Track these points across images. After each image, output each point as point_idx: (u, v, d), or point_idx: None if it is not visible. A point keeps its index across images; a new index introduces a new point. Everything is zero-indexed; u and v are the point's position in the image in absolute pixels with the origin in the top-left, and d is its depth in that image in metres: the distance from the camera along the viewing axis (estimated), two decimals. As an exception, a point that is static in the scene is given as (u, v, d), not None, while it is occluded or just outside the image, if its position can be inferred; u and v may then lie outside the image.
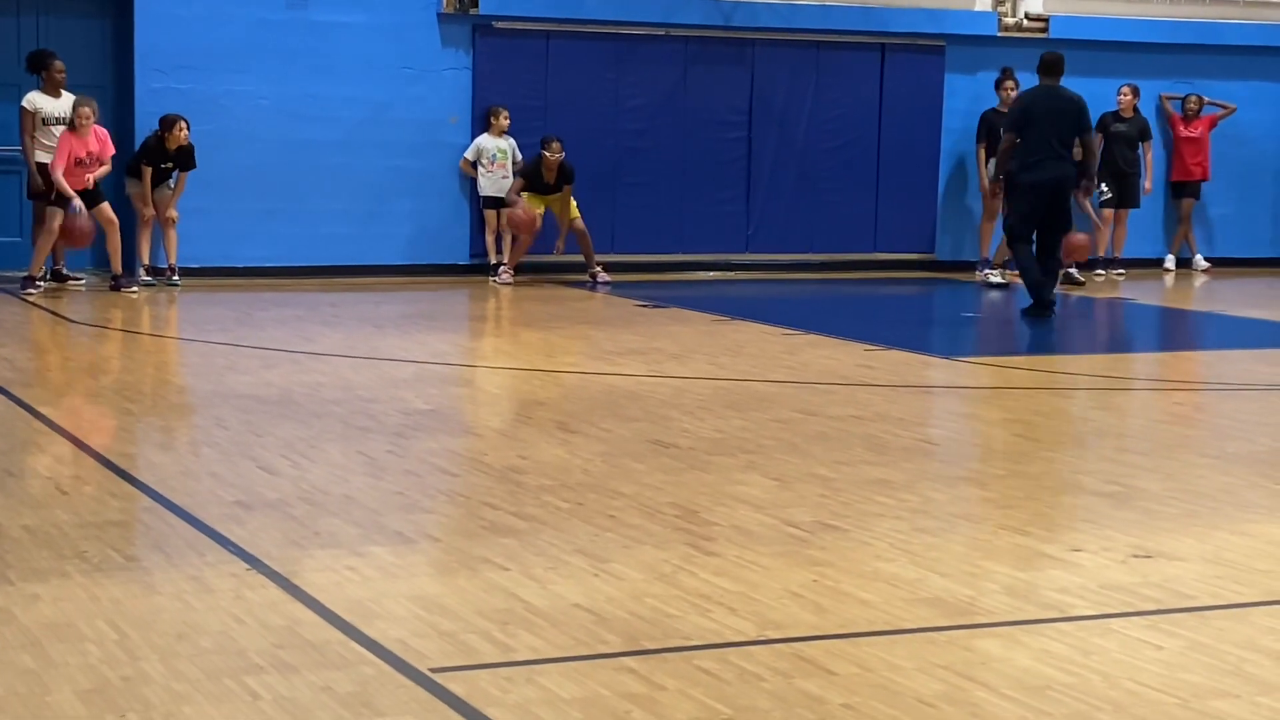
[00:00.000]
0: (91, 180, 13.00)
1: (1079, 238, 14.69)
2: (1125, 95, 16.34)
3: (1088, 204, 15.73)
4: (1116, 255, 16.48)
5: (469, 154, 14.78)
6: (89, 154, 13.04)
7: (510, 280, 14.63)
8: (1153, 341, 12.43)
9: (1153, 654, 4.65)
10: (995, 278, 15.30)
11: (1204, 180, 17.09)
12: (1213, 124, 17.02)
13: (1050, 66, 13.08)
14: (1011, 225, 13.14)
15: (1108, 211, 16.42)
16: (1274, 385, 10.01)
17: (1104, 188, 16.08)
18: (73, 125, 13.03)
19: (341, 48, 14.58)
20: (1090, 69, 16.65)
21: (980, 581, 5.38)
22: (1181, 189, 17.11)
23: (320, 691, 4.22)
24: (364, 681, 4.30)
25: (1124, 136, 16.30)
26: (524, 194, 14.49)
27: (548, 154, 14.38)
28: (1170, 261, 17.25)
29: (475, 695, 4.21)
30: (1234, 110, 17.04)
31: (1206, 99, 16.98)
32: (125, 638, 4.63)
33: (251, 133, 14.36)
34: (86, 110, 13.04)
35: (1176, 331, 13.35)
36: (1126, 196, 16.41)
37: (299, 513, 6.13)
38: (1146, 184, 16.52)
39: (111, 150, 13.23)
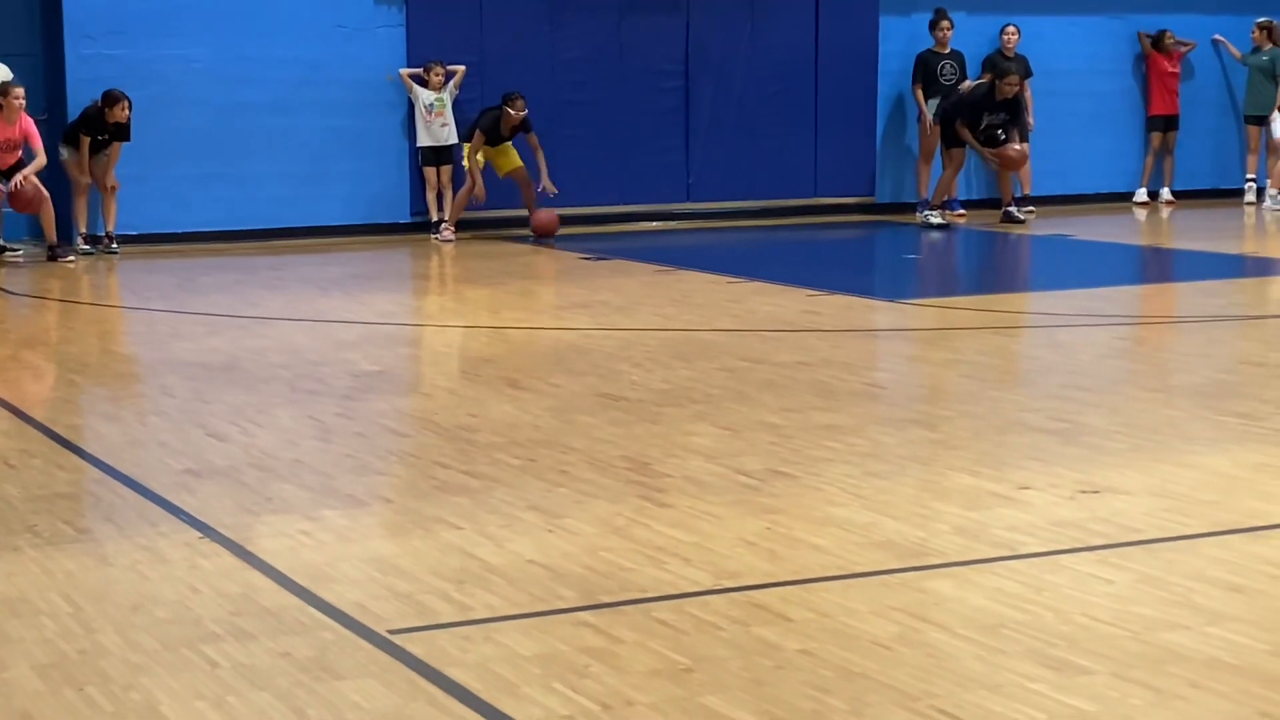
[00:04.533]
0: (21, 177, 12.82)
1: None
2: (1010, 34, 16.32)
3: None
4: (1026, 193, 16.42)
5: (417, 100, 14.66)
6: (6, 140, 12.87)
7: (452, 237, 14.59)
8: (1094, 277, 12.51)
9: (1103, 588, 4.71)
10: (935, 218, 15.35)
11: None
12: (1181, 59, 17.18)
13: None
14: None
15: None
16: (1214, 317, 10.11)
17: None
18: None
19: (274, 8, 14.45)
20: (1025, 7, 16.71)
21: (931, 523, 5.43)
22: (1166, 122, 17.20)
23: (279, 657, 4.22)
24: (322, 646, 4.31)
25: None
26: (483, 148, 14.40)
27: (512, 110, 14.31)
28: (1141, 194, 17.35)
29: (434, 655, 4.22)
30: (1194, 46, 17.20)
31: (1177, 46, 17.10)
32: (80, 611, 4.62)
33: (186, 97, 14.23)
34: (19, 91, 12.89)
35: (1118, 266, 13.44)
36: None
37: (250, 479, 6.12)
38: (1029, 120, 16.37)
39: (38, 145, 13.02)
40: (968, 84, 15.82)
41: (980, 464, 6.21)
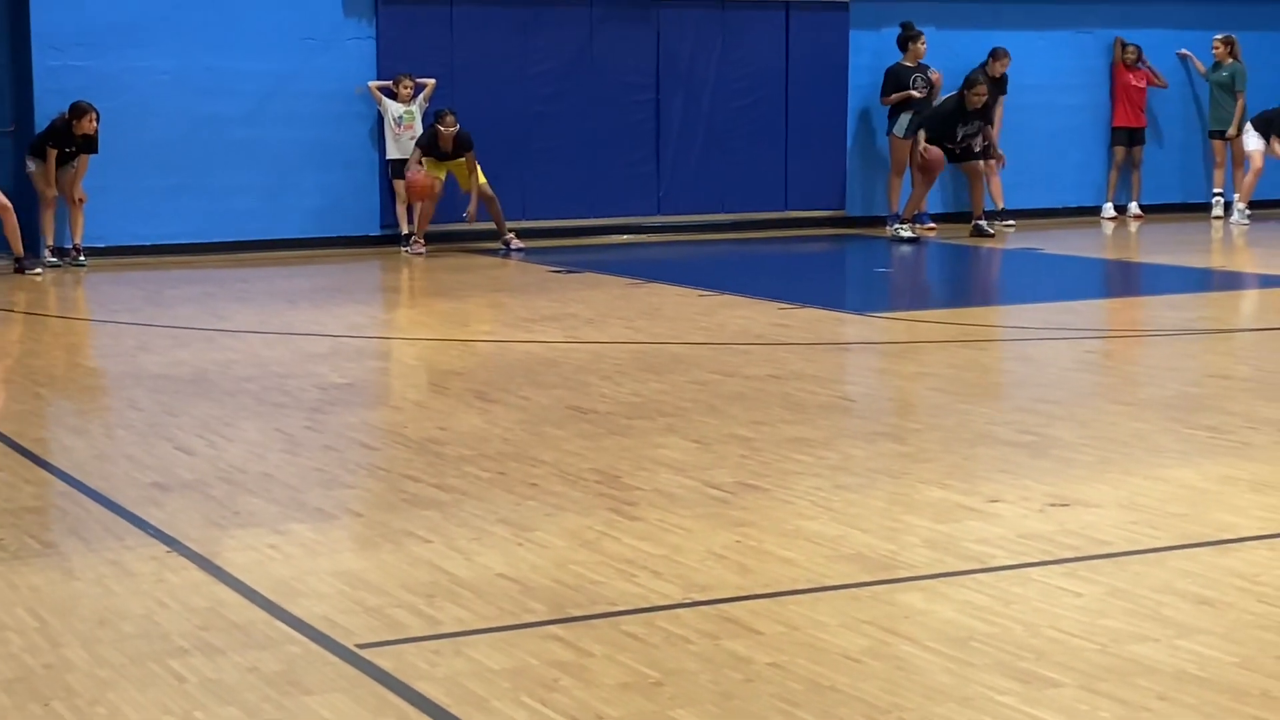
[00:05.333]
0: None
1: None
2: (1003, 60, 16.33)
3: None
4: (1000, 207, 16.43)
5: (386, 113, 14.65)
6: None
7: (422, 250, 14.56)
8: (1063, 291, 12.56)
9: (1072, 601, 4.72)
10: (905, 232, 15.39)
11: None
12: (1149, 80, 17.27)
13: None
14: None
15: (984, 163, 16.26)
16: (1183, 331, 10.15)
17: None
18: None
19: (243, 20, 14.42)
20: (992, 21, 16.78)
21: (901, 536, 5.43)
22: (1129, 136, 17.27)
23: (247, 672, 4.20)
24: (291, 660, 4.28)
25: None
26: (424, 160, 14.41)
27: (442, 128, 14.28)
28: (1109, 209, 17.41)
29: (403, 669, 4.20)
30: (1165, 86, 17.30)
31: (1147, 66, 17.17)
32: (46, 625, 4.59)
33: (154, 108, 14.18)
34: None
35: (1087, 280, 13.49)
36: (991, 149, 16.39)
37: (218, 492, 6.09)
38: (998, 152, 16.36)
39: None
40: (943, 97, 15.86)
41: (950, 477, 6.22)
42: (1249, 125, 16.85)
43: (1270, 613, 4.58)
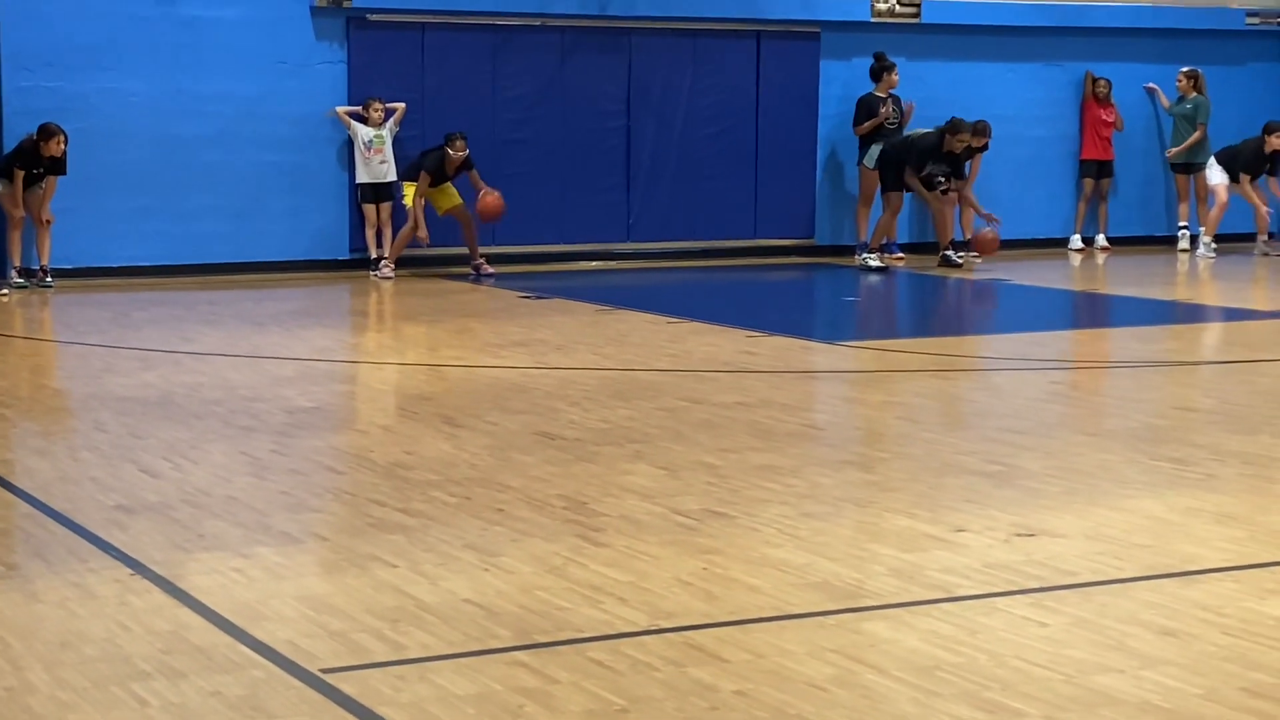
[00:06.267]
0: None
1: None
2: (985, 141, 16.21)
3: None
4: (968, 238, 16.43)
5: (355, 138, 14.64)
6: None
7: (391, 275, 14.55)
8: (1030, 322, 12.61)
9: (1037, 631, 4.73)
10: (874, 261, 15.44)
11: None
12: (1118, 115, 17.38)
13: None
14: None
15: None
16: (1148, 362, 10.20)
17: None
18: None
19: (214, 43, 14.40)
20: (963, 53, 16.88)
21: (867, 564, 5.43)
22: (1098, 168, 17.35)
23: (209, 696, 4.18)
24: (254, 685, 4.26)
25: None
26: (429, 189, 14.40)
27: (452, 151, 14.32)
28: (1076, 241, 17.47)
29: (368, 695, 4.18)
30: (1121, 129, 17.39)
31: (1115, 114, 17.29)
32: (8, 647, 4.55)
33: (124, 130, 14.15)
34: None
35: (1053, 311, 13.55)
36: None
37: (182, 515, 6.06)
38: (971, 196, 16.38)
39: None
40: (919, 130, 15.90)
41: (916, 506, 6.23)
42: (1212, 159, 16.96)
43: (1234, 645, 4.60)
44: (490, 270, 14.71)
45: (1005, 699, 4.16)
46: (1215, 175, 16.85)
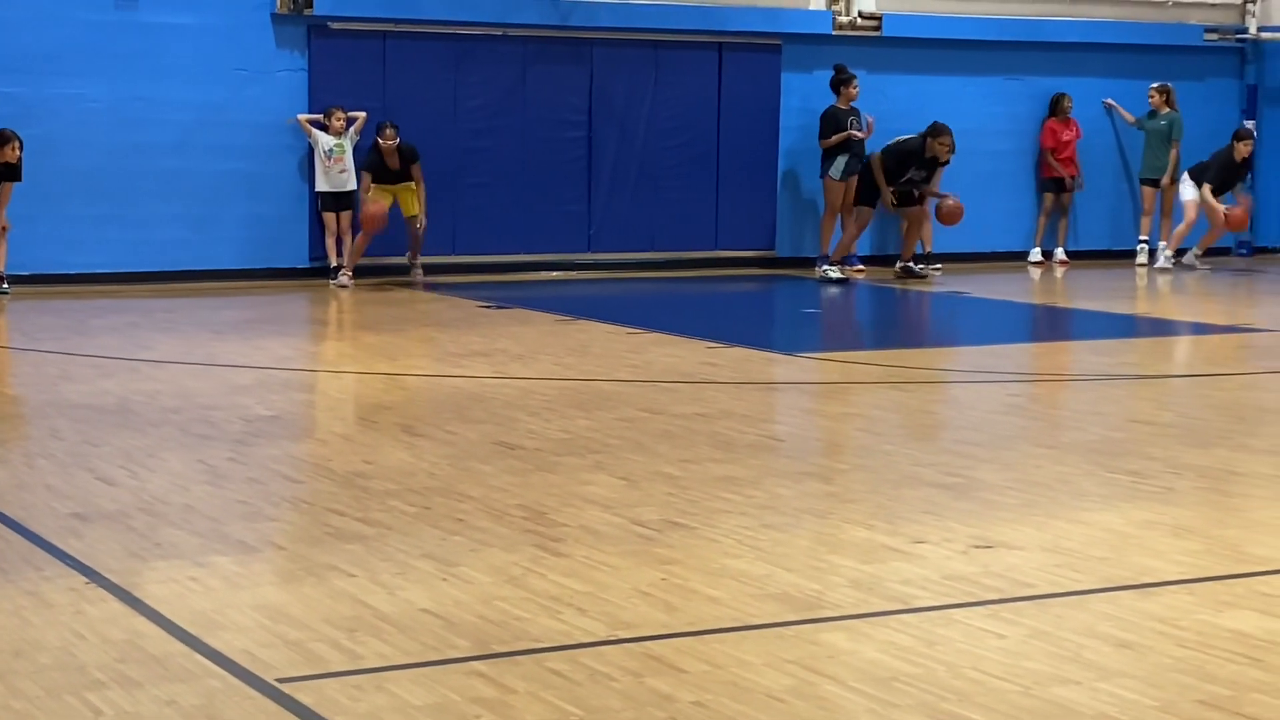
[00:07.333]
0: None
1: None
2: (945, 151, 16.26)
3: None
4: (928, 250, 16.49)
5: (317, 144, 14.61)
6: None
7: (349, 283, 14.51)
8: (989, 335, 12.66)
9: (995, 643, 4.74)
10: (834, 273, 15.48)
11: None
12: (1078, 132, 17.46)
13: None
14: None
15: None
16: (1106, 376, 10.25)
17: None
18: None
19: (173, 49, 14.34)
20: (924, 67, 16.95)
21: (826, 575, 5.44)
22: (1058, 184, 17.41)
23: (165, 705, 4.15)
24: (210, 694, 4.24)
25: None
26: (373, 187, 14.41)
27: (381, 140, 14.32)
28: (1036, 254, 17.54)
29: (324, 705, 4.16)
30: (1081, 136, 17.48)
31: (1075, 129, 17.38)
32: (-40, 657, 4.52)
33: (82, 137, 14.07)
34: None
35: (1013, 324, 13.60)
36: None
37: (139, 524, 6.02)
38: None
39: None
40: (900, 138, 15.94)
41: (875, 517, 6.24)
42: (1185, 175, 17.04)
43: (1189, 656, 4.62)
44: (424, 279, 14.70)
45: (962, 710, 4.17)
46: (1188, 191, 16.93)
